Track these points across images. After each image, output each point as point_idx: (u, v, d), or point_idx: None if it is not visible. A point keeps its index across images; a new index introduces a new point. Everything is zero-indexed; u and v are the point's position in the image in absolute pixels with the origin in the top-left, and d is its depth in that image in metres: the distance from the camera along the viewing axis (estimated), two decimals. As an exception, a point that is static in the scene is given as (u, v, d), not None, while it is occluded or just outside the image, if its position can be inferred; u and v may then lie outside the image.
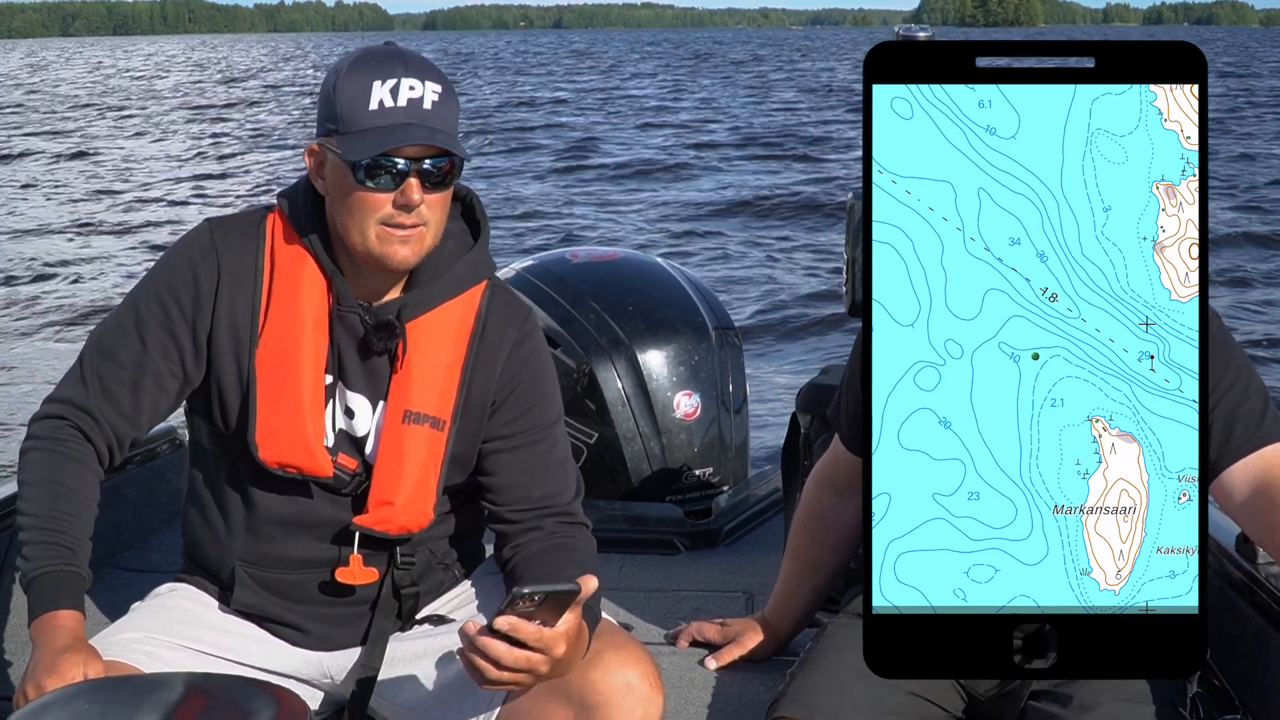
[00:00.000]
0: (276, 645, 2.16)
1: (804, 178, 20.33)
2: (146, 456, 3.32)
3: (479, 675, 1.82)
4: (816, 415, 3.08)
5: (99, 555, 3.11)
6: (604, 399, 3.48)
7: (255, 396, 2.05)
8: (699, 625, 2.74)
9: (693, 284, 3.80)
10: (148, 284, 2.11)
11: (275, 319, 2.06)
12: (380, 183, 1.97)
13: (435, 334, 2.11)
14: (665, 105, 36.43)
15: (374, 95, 1.96)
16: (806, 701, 2.09)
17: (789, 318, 11.05)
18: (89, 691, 1.55)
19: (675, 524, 3.45)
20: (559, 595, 1.78)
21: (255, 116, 33.91)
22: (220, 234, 2.10)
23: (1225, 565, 2.40)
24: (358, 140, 1.96)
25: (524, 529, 2.14)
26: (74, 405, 2.07)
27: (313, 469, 2.07)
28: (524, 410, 2.17)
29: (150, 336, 2.07)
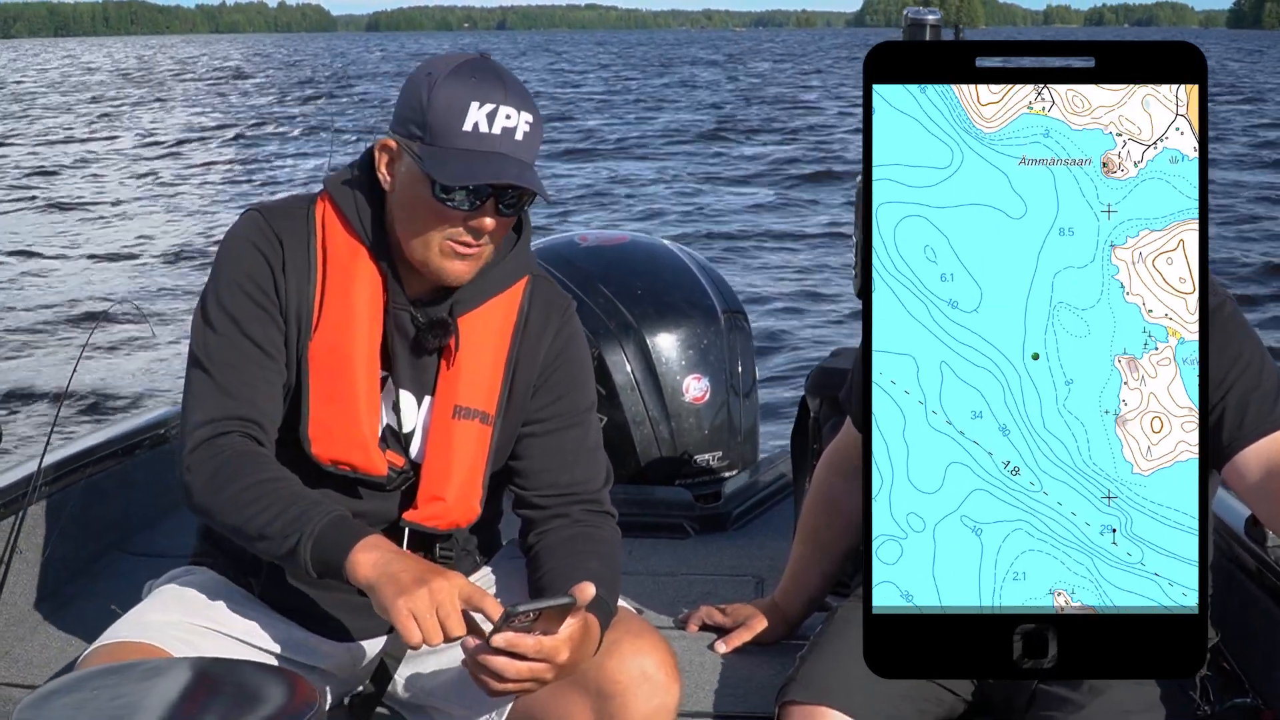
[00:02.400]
0: (301, 633, 2.15)
1: (810, 153, 20.34)
2: (155, 441, 3.32)
3: (484, 687, 1.83)
4: (826, 398, 3.08)
5: (109, 540, 3.13)
6: (613, 383, 3.48)
7: (308, 390, 2.03)
8: (708, 609, 2.73)
9: (701, 267, 3.79)
10: (224, 281, 2.05)
11: (330, 312, 2.04)
12: (456, 202, 1.95)
13: (483, 329, 2.10)
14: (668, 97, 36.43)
15: (470, 116, 1.93)
16: (816, 686, 2.09)
17: (798, 300, 11.04)
18: (98, 676, 1.54)
19: (684, 508, 3.45)
20: (556, 608, 1.78)
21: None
22: (274, 219, 2.06)
23: (1235, 549, 2.40)
24: (445, 157, 1.93)
25: (551, 515, 2.14)
26: (227, 419, 2.00)
27: (367, 467, 2.06)
28: (559, 396, 2.17)
29: (253, 330, 2.02)
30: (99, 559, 3.06)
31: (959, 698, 2.19)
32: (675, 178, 18.80)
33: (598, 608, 1.90)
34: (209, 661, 1.68)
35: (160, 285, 11.92)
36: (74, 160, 22.84)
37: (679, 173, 19.35)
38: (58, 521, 2.87)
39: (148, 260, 13.30)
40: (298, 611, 2.15)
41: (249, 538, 1.94)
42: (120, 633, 2.00)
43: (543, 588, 2.04)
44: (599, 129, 27.02)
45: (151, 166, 21.96)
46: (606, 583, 1.98)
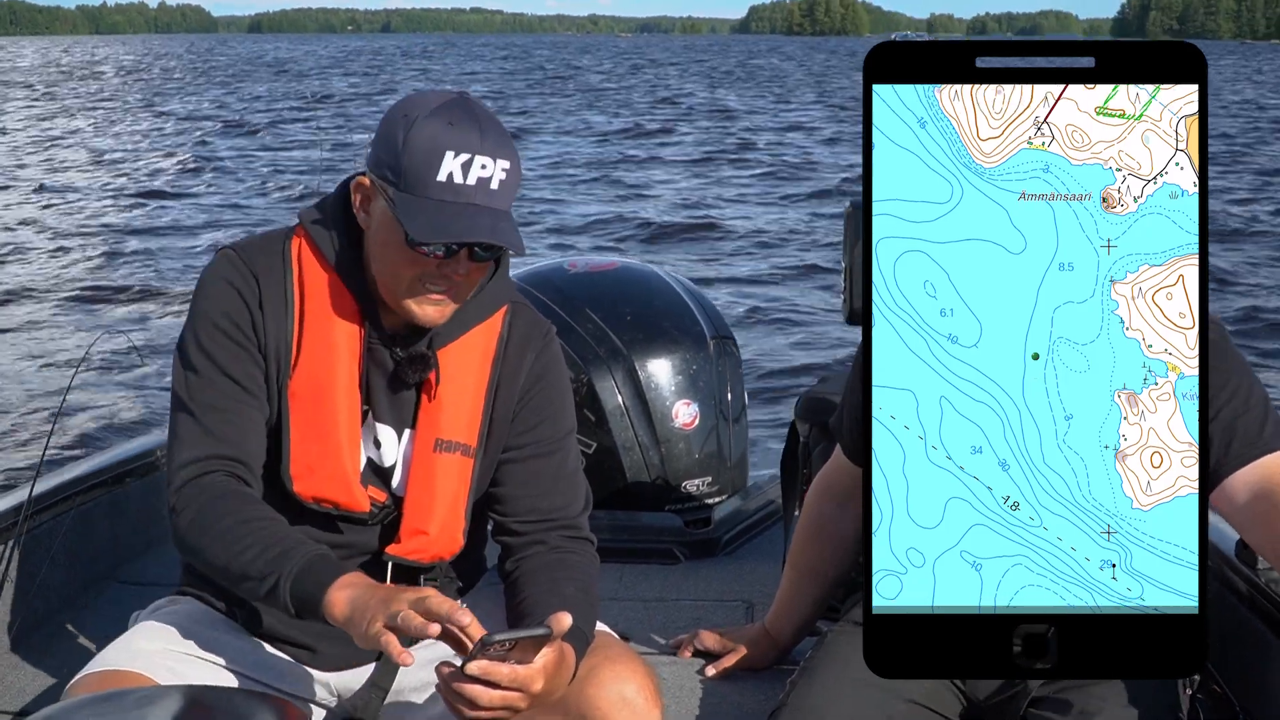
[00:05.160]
0: (288, 661, 2.14)
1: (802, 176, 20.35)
2: (145, 470, 3.31)
3: (458, 714, 1.81)
4: (815, 424, 3.08)
5: (99, 569, 3.12)
6: (603, 409, 3.48)
7: (288, 427, 2.03)
8: (699, 634, 2.74)
9: (690, 293, 3.80)
10: (201, 321, 2.04)
11: (310, 348, 2.03)
12: (430, 249, 1.93)
13: (462, 360, 2.10)
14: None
15: (445, 166, 1.90)
16: (807, 711, 2.09)
17: (787, 325, 11.05)
18: (90, 704, 1.54)
19: (674, 533, 3.45)
20: (532, 639, 1.78)
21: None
22: (249, 256, 2.05)
23: (1226, 571, 2.40)
24: (419, 208, 1.90)
25: (529, 541, 2.13)
26: (210, 459, 2.00)
27: (349, 504, 2.05)
28: (537, 422, 2.16)
29: (232, 369, 2.01)
30: (89, 588, 3.05)
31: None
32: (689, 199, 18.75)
33: (574, 636, 1.89)
34: (200, 689, 1.67)
35: (148, 314, 11.90)
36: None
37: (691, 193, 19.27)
38: (47, 550, 2.87)
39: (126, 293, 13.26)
40: (284, 640, 2.15)
41: (233, 578, 1.94)
42: (108, 660, 1.99)
43: (520, 614, 2.03)
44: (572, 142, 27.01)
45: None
46: (583, 609, 1.97)
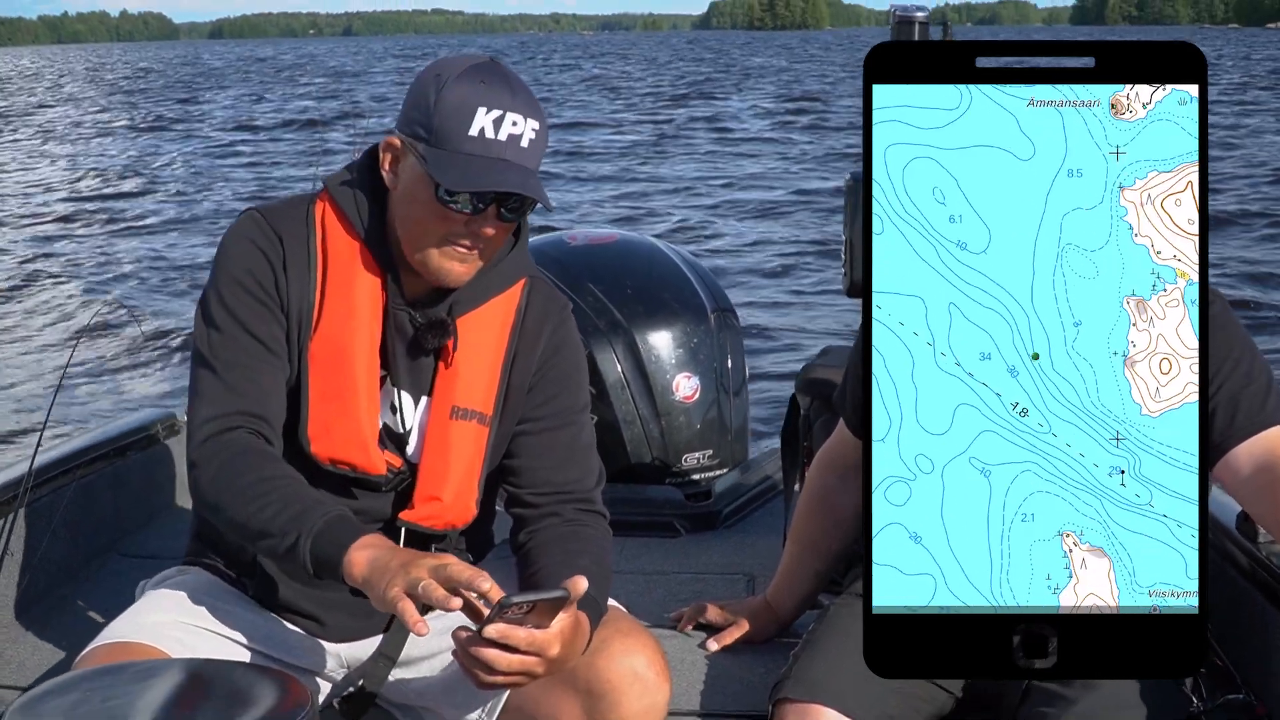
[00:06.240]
0: (295, 633, 2.15)
1: (805, 145, 20.30)
2: (147, 442, 3.31)
3: (474, 679, 1.82)
4: (816, 397, 3.08)
5: (100, 542, 3.12)
6: (603, 382, 3.48)
7: (307, 389, 2.04)
8: (700, 607, 2.73)
9: (691, 266, 3.79)
10: (225, 279, 2.05)
11: (331, 311, 2.04)
12: (459, 205, 1.96)
13: (481, 330, 2.11)
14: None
15: (476, 121, 1.94)
16: (810, 683, 2.09)
17: (788, 297, 11.05)
18: (91, 678, 1.54)
19: (675, 506, 3.45)
20: (549, 601, 1.78)
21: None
22: (273, 218, 2.07)
23: (1227, 545, 2.40)
24: (450, 161, 1.94)
25: (542, 514, 2.14)
26: (233, 414, 2.00)
27: (366, 466, 2.06)
28: (553, 395, 2.17)
29: (255, 327, 2.02)
30: (91, 560, 3.05)
31: (952, 695, 2.19)
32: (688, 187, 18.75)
33: (588, 606, 1.90)
34: (201, 663, 1.67)
35: (152, 285, 11.90)
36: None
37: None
38: (49, 523, 2.87)
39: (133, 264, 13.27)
40: (292, 612, 2.15)
41: (252, 534, 1.94)
42: (118, 632, 2.00)
43: (534, 585, 2.03)
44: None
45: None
46: (597, 581, 1.97)
